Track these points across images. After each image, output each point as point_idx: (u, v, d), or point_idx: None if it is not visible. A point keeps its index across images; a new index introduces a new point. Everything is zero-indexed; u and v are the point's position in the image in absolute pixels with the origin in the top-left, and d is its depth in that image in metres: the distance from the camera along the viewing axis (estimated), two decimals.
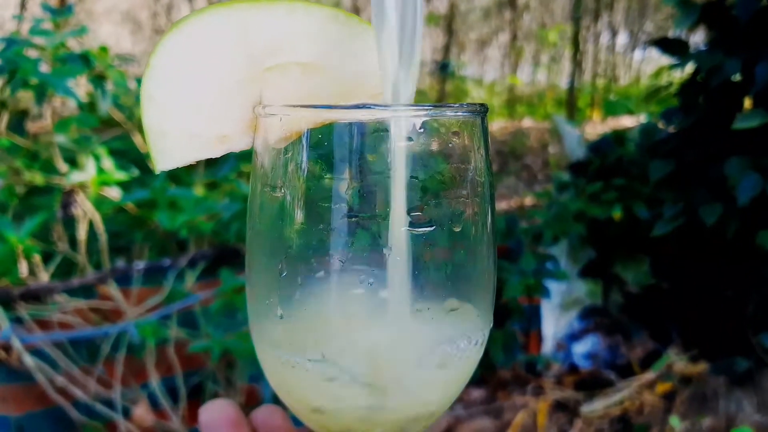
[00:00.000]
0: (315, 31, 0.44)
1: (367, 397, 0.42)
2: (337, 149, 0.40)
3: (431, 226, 0.41)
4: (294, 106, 0.42)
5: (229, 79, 0.43)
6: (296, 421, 0.53)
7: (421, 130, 0.40)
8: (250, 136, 0.45)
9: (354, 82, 0.46)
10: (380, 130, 0.40)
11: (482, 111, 0.44)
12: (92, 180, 2.05)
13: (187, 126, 0.43)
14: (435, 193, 0.41)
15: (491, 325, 0.47)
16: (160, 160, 0.43)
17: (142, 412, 1.78)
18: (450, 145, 0.42)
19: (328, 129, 0.40)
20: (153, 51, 0.41)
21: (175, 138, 0.43)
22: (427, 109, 0.40)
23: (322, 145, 0.40)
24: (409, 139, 0.40)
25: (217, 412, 0.51)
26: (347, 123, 0.39)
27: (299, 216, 0.41)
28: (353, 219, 0.40)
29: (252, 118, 0.45)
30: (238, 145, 0.45)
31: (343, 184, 0.40)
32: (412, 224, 0.40)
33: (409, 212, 0.40)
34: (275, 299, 0.43)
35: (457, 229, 0.42)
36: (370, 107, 0.41)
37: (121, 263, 2.26)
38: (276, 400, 0.51)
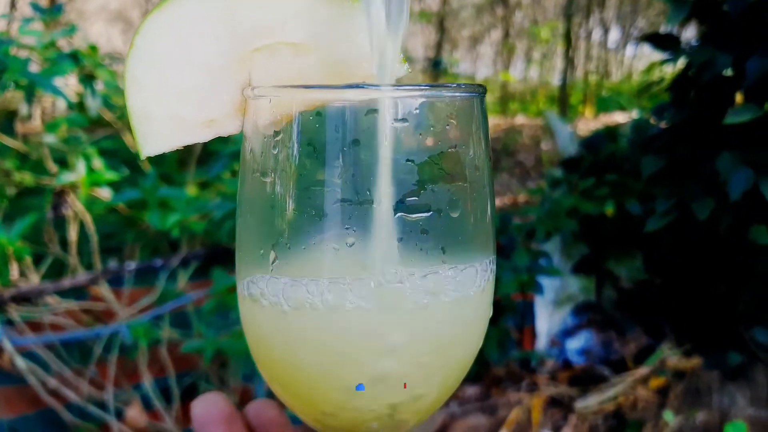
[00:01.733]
0: (305, 11, 0.43)
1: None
2: (329, 131, 0.38)
3: (427, 212, 0.40)
4: (284, 87, 0.40)
5: (216, 60, 0.42)
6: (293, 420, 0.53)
7: (417, 111, 0.39)
8: (239, 119, 0.44)
9: (346, 62, 0.44)
10: (374, 111, 0.38)
11: (481, 92, 0.42)
12: (82, 180, 2.04)
13: (172, 109, 0.42)
14: (431, 177, 0.40)
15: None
16: (144, 144, 0.42)
17: (135, 413, 1.77)
18: (447, 126, 0.40)
19: (320, 111, 0.38)
20: (137, 30, 0.40)
21: (160, 121, 0.42)
22: (423, 89, 0.39)
23: (314, 127, 0.39)
24: (405, 120, 0.38)
25: (210, 406, 0.50)
26: (340, 104, 0.38)
27: (290, 201, 0.40)
28: (346, 203, 0.39)
29: (240, 100, 0.43)
30: (227, 129, 0.44)
31: (336, 168, 0.38)
32: (406, 208, 0.39)
33: (404, 196, 0.39)
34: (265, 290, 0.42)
35: (455, 215, 0.41)
36: (363, 87, 0.40)
37: (112, 264, 2.25)
38: (270, 397, 0.50)
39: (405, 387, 0.42)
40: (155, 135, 0.42)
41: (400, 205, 0.39)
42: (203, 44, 0.41)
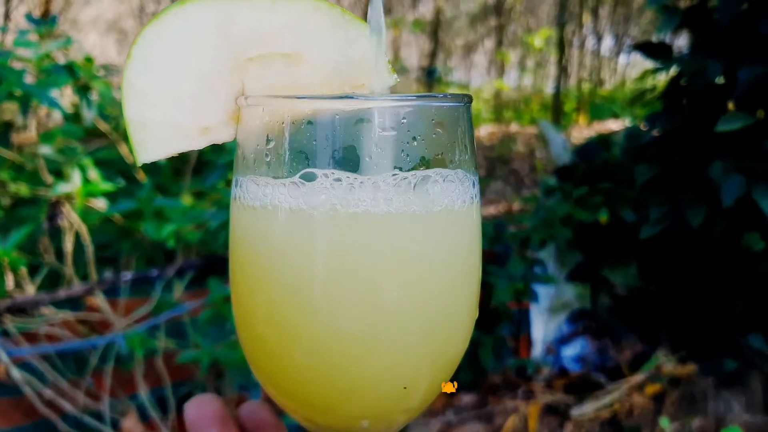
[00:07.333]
0: (298, 22, 0.44)
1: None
2: (320, 140, 0.39)
3: (416, 215, 0.41)
4: (277, 96, 0.41)
5: (211, 69, 0.43)
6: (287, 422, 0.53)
7: (404, 120, 0.40)
8: (233, 127, 0.45)
9: (337, 72, 0.45)
10: (364, 120, 0.39)
11: (467, 101, 0.43)
12: (78, 191, 2.04)
13: (168, 116, 0.43)
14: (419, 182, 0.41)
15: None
16: (141, 151, 0.43)
17: (131, 423, 1.77)
18: (434, 135, 0.41)
19: (311, 120, 0.39)
20: (134, 40, 0.41)
21: (156, 129, 0.43)
22: (411, 99, 0.40)
23: (305, 135, 0.40)
24: (393, 129, 0.39)
25: (203, 407, 0.50)
26: (331, 113, 0.39)
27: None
28: (336, 209, 0.39)
29: (234, 108, 0.44)
30: (221, 137, 0.45)
31: (326, 175, 0.39)
32: (396, 212, 0.40)
33: (392, 201, 0.40)
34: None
35: (442, 220, 0.42)
36: (353, 98, 0.41)
37: (108, 274, 2.24)
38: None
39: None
40: (151, 142, 0.43)
41: (389, 208, 0.40)
42: (199, 53, 0.42)
